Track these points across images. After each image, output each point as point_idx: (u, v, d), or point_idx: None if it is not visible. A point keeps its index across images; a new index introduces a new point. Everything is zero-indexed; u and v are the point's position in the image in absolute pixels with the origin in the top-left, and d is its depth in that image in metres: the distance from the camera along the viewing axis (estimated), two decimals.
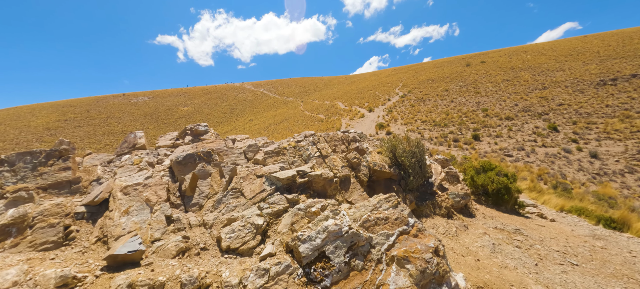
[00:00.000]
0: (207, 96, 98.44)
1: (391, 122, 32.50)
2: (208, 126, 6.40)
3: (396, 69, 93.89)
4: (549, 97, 33.55)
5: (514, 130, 26.94)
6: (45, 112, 79.58)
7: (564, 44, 56.53)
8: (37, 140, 63.67)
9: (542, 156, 21.81)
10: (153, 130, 69.32)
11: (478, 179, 7.79)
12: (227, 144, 5.67)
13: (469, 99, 37.59)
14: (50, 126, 71.26)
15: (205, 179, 4.06)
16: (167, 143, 5.66)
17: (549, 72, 42.12)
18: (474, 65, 54.60)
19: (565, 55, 48.02)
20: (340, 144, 6.25)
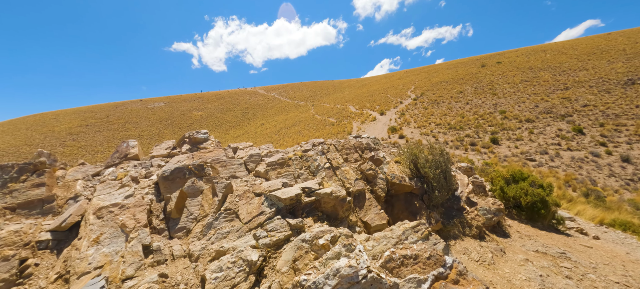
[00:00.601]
0: (220, 100, 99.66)
1: (404, 126, 31.37)
2: (208, 133, 5.81)
3: (408, 71, 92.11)
4: (572, 98, 31.56)
5: (535, 133, 25.31)
6: (68, 117, 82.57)
7: (586, 42, 53.55)
8: (61, 144, 65.96)
9: (568, 161, 20.23)
10: (168, 134, 70.52)
11: (509, 190, 6.84)
12: (227, 154, 5.04)
13: (486, 100, 35.93)
14: (72, 131, 73.83)
15: (195, 198, 3.42)
16: (162, 152, 5.10)
17: (571, 71, 39.85)
18: (490, 66, 52.50)
19: (588, 53, 45.40)
20: (352, 153, 5.50)
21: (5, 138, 69.12)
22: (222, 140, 63.16)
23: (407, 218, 4.60)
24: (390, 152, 6.70)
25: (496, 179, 7.43)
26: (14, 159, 57.00)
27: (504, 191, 6.92)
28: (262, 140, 46.78)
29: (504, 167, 18.31)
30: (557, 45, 58.27)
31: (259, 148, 5.89)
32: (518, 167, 9.47)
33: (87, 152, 62.62)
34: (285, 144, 35.11)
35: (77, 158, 59.27)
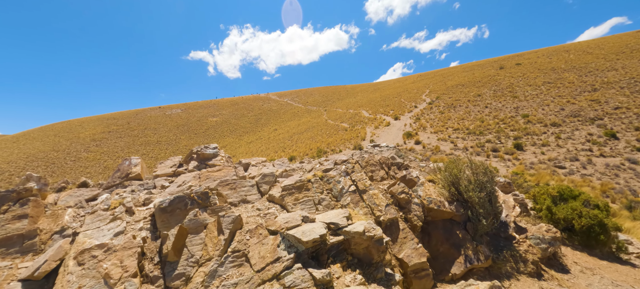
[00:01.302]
0: (234, 106, 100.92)
1: (419, 131, 30.15)
2: (217, 147, 5.25)
3: (422, 74, 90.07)
4: (602, 100, 29.41)
5: (563, 138, 23.57)
6: (92, 124, 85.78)
7: (613, 40, 50.34)
8: (85, 150, 68.41)
9: (601, 168, 18.53)
10: (185, 140, 71.79)
11: (558, 211, 5.87)
12: (237, 172, 4.43)
13: (506, 103, 34.15)
14: (96, 137, 76.56)
15: (198, 235, 2.80)
16: (166, 171, 4.55)
17: (598, 72, 37.39)
18: (508, 67, 50.23)
19: (616, 52, 42.57)
20: (378, 170, 4.76)
21: (35, 144, 72.44)
22: (236, 145, 63.59)
23: (448, 251, 3.80)
24: (419, 167, 5.89)
25: (540, 196, 6.45)
26: (42, 163, 59.55)
27: (552, 212, 5.95)
28: (275, 145, 46.53)
29: (531, 175, 16.90)
30: (581, 44, 55.14)
31: (273, 164, 5.24)
32: (567, 184, 8.38)
33: (109, 157, 64.56)
34: (298, 150, 34.60)
35: (100, 163, 61.21)
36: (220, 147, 24.72)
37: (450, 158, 19.96)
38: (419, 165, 5.91)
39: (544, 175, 16.23)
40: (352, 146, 28.49)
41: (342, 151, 27.37)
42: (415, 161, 6.06)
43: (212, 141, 70.75)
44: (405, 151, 23.69)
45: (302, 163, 6.16)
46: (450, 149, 22.85)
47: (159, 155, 63.23)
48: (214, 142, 78.44)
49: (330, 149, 29.24)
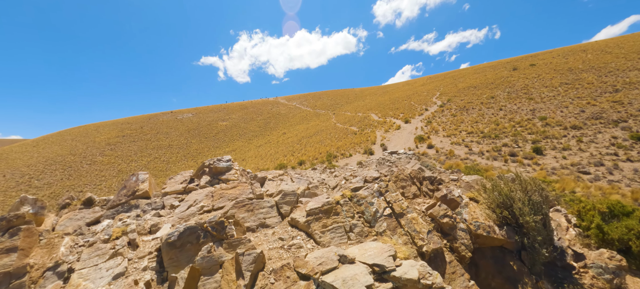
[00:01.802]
0: (244, 110, 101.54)
1: (431, 134, 29.24)
2: (231, 160, 4.77)
3: (431, 77, 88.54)
4: (625, 102, 27.93)
5: (585, 141, 22.33)
6: (107, 129, 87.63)
7: (634, 39, 48.15)
8: (100, 153, 69.81)
9: (630, 173, 17.32)
10: (196, 144, 72.40)
11: (611, 231, 5.14)
12: (253, 189, 3.93)
13: (521, 106, 32.88)
14: (111, 141, 78.10)
15: (213, 276, 2.29)
16: (176, 188, 4.09)
17: (618, 72, 35.68)
18: (522, 69, 48.64)
19: (638, 51, 40.62)
20: (409, 185, 4.17)
21: (54, 148, 74.39)
22: (245, 149, 63.67)
23: (503, 287, 3.18)
24: (450, 179, 5.25)
25: (587, 213, 5.71)
26: (60, 167, 60.95)
27: (603, 231, 5.23)
28: (284, 149, 46.21)
29: (555, 182, 15.89)
30: (598, 44, 52.96)
31: (290, 178, 4.71)
32: (617, 199, 7.57)
33: (123, 160, 65.62)
34: (307, 154, 34.10)
35: (114, 166, 62.25)
36: (229, 151, 24.68)
37: (467, 164, 18.99)
38: (450, 177, 5.28)
39: (569, 181, 15.20)
40: (362, 150, 27.81)
41: (353, 155, 26.71)
42: (446, 173, 5.43)
43: (222, 145, 71.07)
44: (420, 156, 22.90)
45: (321, 174, 5.60)
46: (465, 154, 21.93)
47: (170, 159, 63.88)
48: (223, 146, 78.62)
49: (340, 153, 28.62)
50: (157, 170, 59.39)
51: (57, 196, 47.75)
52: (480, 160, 20.38)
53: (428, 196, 3.86)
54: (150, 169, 59.37)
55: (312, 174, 5.89)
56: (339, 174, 5.22)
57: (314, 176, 5.80)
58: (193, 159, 63.58)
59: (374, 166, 5.92)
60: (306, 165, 27.50)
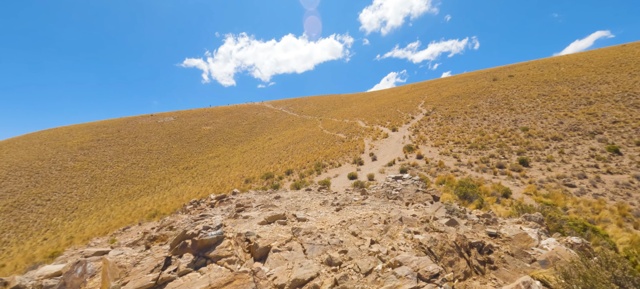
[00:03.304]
0: (229, 115, 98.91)
1: (420, 144, 29.15)
2: (222, 226, 3.65)
3: (415, 84, 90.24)
4: (599, 114, 29.13)
5: (566, 153, 22.87)
6: (80, 132, 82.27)
7: (601, 53, 51.16)
8: (72, 159, 65.22)
9: (611, 186, 17.69)
10: (177, 149, 69.31)
11: None
12: (257, 280, 2.87)
13: (504, 116, 33.64)
14: (84, 146, 73.27)
15: None
16: (145, 282, 2.95)
17: (590, 85, 37.47)
18: (502, 79, 50.29)
19: (606, 66, 43.00)
20: (456, 258, 3.26)
21: (20, 152, 68.66)
22: (230, 154, 61.57)
23: None
24: (498, 238, 4.55)
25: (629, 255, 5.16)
26: (26, 173, 56.20)
27: None
28: (270, 156, 44.93)
29: (546, 197, 15.90)
30: (570, 57, 55.95)
31: (301, 245, 3.73)
32: (581, 205, 7.17)
33: (97, 166, 61.59)
34: (295, 162, 33.10)
35: (87, 173, 58.23)
36: (213, 157, 22.79)
37: (457, 176, 18.77)
38: (486, 230, 4.49)
39: (559, 197, 15.22)
40: (351, 159, 27.20)
41: (342, 165, 26.02)
42: (480, 224, 4.65)
43: (205, 150, 68.41)
44: (409, 166, 22.50)
45: (328, 211, 4.67)
46: (455, 165, 21.81)
47: (149, 164, 60.64)
48: (206, 151, 75.52)
49: (329, 162, 27.86)
50: (135, 177, 56.07)
51: (22, 205, 43.74)
52: (470, 172, 20.27)
53: (479, 272, 3.10)
54: (127, 175, 55.98)
55: (318, 212, 4.98)
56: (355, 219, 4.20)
57: (323, 217, 4.86)
58: (174, 165, 60.67)
59: (381, 200, 5.13)
60: (294, 175, 26.50)
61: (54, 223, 38.12)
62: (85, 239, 23.39)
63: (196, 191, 34.20)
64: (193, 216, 9.61)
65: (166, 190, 44.85)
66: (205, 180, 42.84)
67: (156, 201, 36.02)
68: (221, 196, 10.13)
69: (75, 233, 29.54)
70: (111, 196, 48.68)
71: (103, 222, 33.11)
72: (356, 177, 19.60)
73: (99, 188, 52.31)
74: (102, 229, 26.95)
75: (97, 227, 29.79)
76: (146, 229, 10.00)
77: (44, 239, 31.87)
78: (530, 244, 3.46)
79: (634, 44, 55.57)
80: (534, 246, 3.42)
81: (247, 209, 7.08)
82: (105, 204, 45.02)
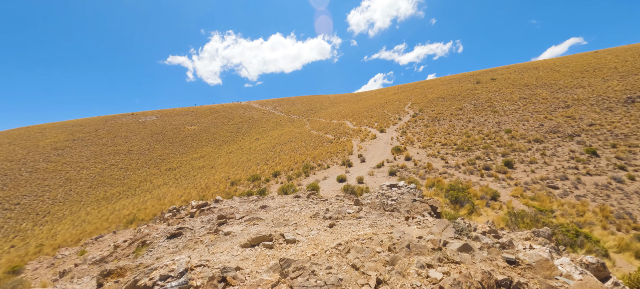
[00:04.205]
0: (214, 114, 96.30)
1: (407, 145, 29.12)
2: (188, 271, 2.87)
3: (402, 86, 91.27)
4: (576, 116, 30.18)
5: (548, 155, 23.41)
6: (54, 131, 77.54)
7: (576, 59, 53.50)
8: (44, 160, 61.29)
9: (592, 188, 18.13)
10: (159, 149, 66.59)
11: None
12: None
13: (488, 118, 34.26)
14: (58, 146, 69.08)
15: None
16: None
17: (567, 89, 38.91)
18: (484, 82, 51.53)
19: (581, 71, 44.90)
20: None
21: None
22: (215, 155, 59.76)
23: None
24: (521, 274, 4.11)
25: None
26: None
27: None
28: (257, 157, 43.85)
29: (532, 199, 16.03)
30: (547, 62, 58.18)
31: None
32: (566, 207, 6.98)
33: (72, 168, 58.16)
34: (282, 163, 32.31)
35: (60, 175, 54.87)
36: (197, 157, 21.49)
37: (446, 179, 18.68)
38: (504, 256, 4.00)
39: (544, 199, 15.37)
40: (340, 161, 26.75)
41: (330, 167, 25.52)
42: (493, 247, 4.16)
43: (189, 151, 66.05)
44: (398, 169, 22.29)
45: (319, 225, 4.09)
46: (443, 167, 21.80)
47: (129, 165, 57.87)
48: (191, 152, 73.09)
49: (317, 164, 27.29)
50: (113, 178, 53.29)
51: None
52: (458, 174, 20.27)
53: None
54: (105, 177, 53.13)
55: (309, 229, 4.35)
56: (352, 242, 3.61)
57: (315, 237, 4.23)
58: (156, 166, 58.17)
59: (377, 212, 4.59)
60: (282, 177, 25.73)
61: (23, 229, 35.41)
62: (56, 247, 21.63)
63: (179, 194, 32.68)
64: (171, 227, 8.76)
65: (147, 192, 42.78)
66: (189, 182, 41.20)
67: (136, 204, 34.16)
68: (202, 205, 9.32)
69: (46, 240, 27.43)
70: (87, 199, 45.93)
71: (77, 227, 31.00)
72: (345, 180, 19.13)
73: (74, 191, 49.27)
74: (75, 235, 25.12)
75: (70, 233, 27.79)
76: (118, 242, 9.04)
77: (11, 246, 29.45)
78: (553, 272, 3.04)
79: (606, 50, 58.55)
80: (557, 275, 3.01)
81: (230, 221, 6.36)
82: (81, 207, 42.37)
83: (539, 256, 3.27)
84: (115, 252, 8.24)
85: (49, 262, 13.90)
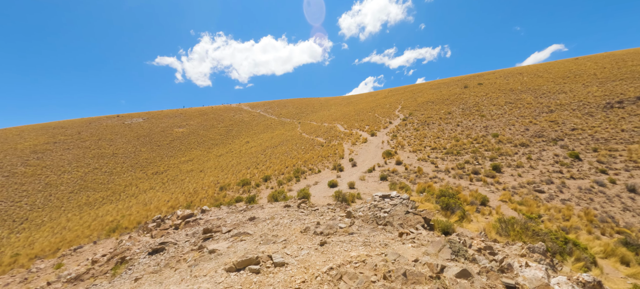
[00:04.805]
0: (203, 116, 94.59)
1: (398, 149, 29.25)
2: None
3: (392, 89, 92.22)
4: (559, 121, 31.09)
5: (533, 158, 23.94)
6: (34, 134, 74.26)
7: (558, 65, 55.42)
8: (22, 163, 58.51)
9: (576, 192, 18.58)
10: (146, 152, 64.73)
11: None
12: None
13: (475, 122, 34.88)
14: (38, 149, 66.14)
15: None
16: None
17: (550, 94, 40.12)
18: (472, 87, 52.61)
19: (563, 77, 46.45)
20: None
21: None
22: (204, 158, 58.55)
23: None
24: None
25: None
26: None
27: None
28: (247, 160, 43.19)
29: (520, 204, 16.26)
30: (531, 68, 60.04)
31: None
32: (552, 211, 7.02)
33: (53, 172, 55.76)
34: (273, 167, 31.87)
35: (40, 179, 52.49)
36: (186, 161, 20.84)
37: (436, 183, 18.77)
38: (503, 281, 3.84)
39: (531, 203, 15.62)
40: (331, 165, 26.56)
41: (321, 171, 25.29)
42: (492, 271, 3.97)
43: (177, 154, 64.51)
44: (389, 173, 22.28)
45: (309, 241, 3.83)
46: (433, 171, 21.93)
47: (114, 169, 55.97)
48: (179, 155, 71.66)
49: (309, 168, 27.02)
50: (97, 183, 51.36)
51: None
52: (448, 178, 20.42)
53: None
54: (88, 181, 51.14)
55: (300, 248, 4.09)
56: (345, 266, 3.38)
57: (305, 259, 3.97)
58: (142, 170, 56.46)
59: (369, 227, 4.39)
60: (272, 181, 25.32)
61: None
62: (33, 258, 20.51)
63: (166, 199, 31.70)
64: (154, 239, 8.31)
65: (132, 197, 41.37)
66: (177, 186, 40.09)
67: (120, 210, 32.93)
68: (188, 215, 8.88)
69: (22, 249, 25.99)
70: (68, 204, 44.01)
71: (57, 235, 29.54)
72: (336, 185, 18.93)
73: (55, 196, 47.15)
74: (54, 244, 23.90)
75: (48, 241, 26.43)
76: (96, 256, 8.51)
77: None
78: None
79: (586, 57, 60.96)
80: None
81: (216, 235, 6.01)
82: (61, 214, 40.53)
83: (538, 281, 3.14)
84: (92, 268, 7.73)
85: (22, 276, 13.05)
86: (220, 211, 9.21)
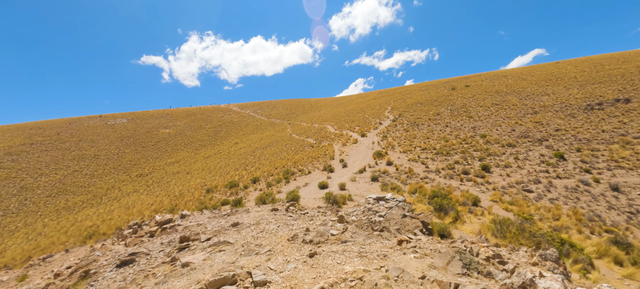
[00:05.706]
0: (191, 117, 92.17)
1: (389, 150, 28.99)
2: None
3: (382, 91, 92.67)
4: (544, 122, 31.67)
5: (521, 158, 24.13)
6: (9, 135, 70.14)
7: (540, 69, 57.02)
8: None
9: (562, 191, 18.71)
10: (130, 154, 62.23)
11: None
12: None
13: (464, 123, 35.14)
14: (12, 150, 62.42)
15: None
16: None
17: (534, 96, 41.02)
18: (459, 89, 53.35)
19: (545, 80, 47.69)
20: None
21: None
22: (191, 160, 56.80)
23: None
24: None
25: None
26: None
27: None
28: (236, 162, 42.04)
29: (510, 204, 16.19)
30: (515, 71, 61.58)
31: None
32: (542, 211, 6.74)
33: (29, 174, 52.66)
34: (262, 169, 31.00)
35: (14, 182, 49.41)
36: (172, 162, 19.60)
37: (427, 184, 18.51)
38: None
39: (522, 204, 15.55)
40: (321, 166, 25.98)
41: (312, 172, 24.68)
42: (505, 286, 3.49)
43: (163, 155, 62.34)
44: (380, 174, 21.93)
45: (297, 251, 3.22)
46: (423, 172, 21.72)
47: (95, 172, 53.42)
48: (165, 156, 69.53)
49: (298, 169, 26.34)
50: (77, 186, 48.79)
51: None
52: (439, 179, 20.22)
53: None
54: (67, 184, 48.53)
55: (286, 261, 3.48)
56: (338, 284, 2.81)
57: (291, 275, 3.36)
58: (126, 172, 54.15)
59: (364, 233, 3.84)
60: (261, 183, 24.50)
61: None
62: (1, 268, 18.91)
63: (150, 202, 30.24)
64: (127, 248, 7.47)
65: (115, 201, 39.43)
66: (162, 189, 38.50)
67: (101, 214, 31.19)
68: (166, 221, 8.08)
69: None
70: (45, 209, 41.51)
71: (31, 242, 27.59)
72: (327, 186, 18.36)
73: (30, 200, 44.41)
74: (27, 251, 22.21)
75: (21, 249, 24.58)
76: (60, 269, 7.58)
77: None
78: None
79: (566, 61, 63.07)
80: None
81: (193, 244, 5.32)
82: (37, 219, 38.12)
83: None
84: (53, 283, 6.83)
85: None
86: (201, 215, 8.46)
